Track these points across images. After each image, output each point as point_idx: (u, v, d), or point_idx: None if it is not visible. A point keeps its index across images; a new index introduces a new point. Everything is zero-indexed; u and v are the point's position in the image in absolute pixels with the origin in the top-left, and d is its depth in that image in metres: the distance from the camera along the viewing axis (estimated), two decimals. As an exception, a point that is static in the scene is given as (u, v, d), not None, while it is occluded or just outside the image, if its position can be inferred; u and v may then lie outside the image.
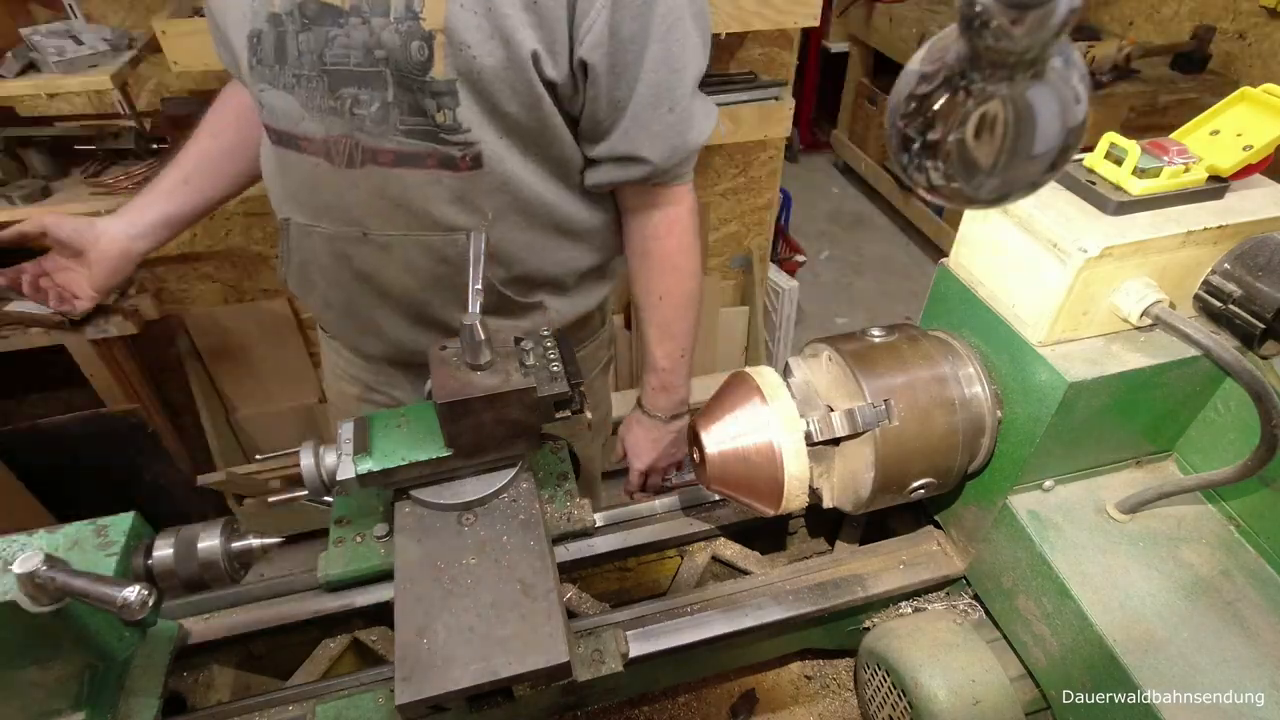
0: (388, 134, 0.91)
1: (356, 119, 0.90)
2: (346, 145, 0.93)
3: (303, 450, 0.75)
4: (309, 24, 0.88)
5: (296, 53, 0.90)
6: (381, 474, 0.74)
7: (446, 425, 0.74)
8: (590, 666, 0.75)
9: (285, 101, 0.93)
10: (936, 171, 0.38)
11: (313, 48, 0.89)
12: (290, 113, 0.94)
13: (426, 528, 0.77)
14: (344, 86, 0.89)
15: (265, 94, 0.95)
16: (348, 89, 0.89)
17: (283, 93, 0.93)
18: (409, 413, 0.80)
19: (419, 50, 0.85)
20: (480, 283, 0.76)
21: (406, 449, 0.75)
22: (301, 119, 0.93)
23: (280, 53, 0.91)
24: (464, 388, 0.73)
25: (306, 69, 0.90)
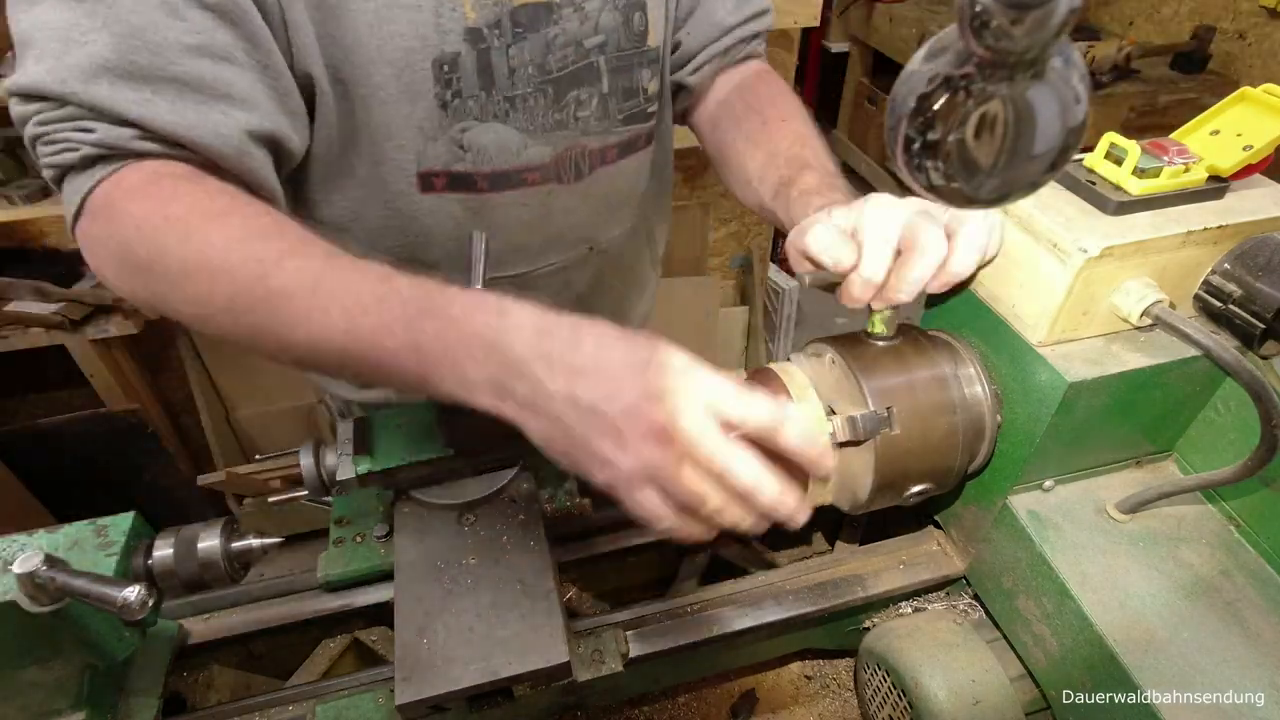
0: (609, 128, 0.83)
1: (581, 123, 0.80)
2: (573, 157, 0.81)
3: (302, 450, 0.75)
4: (523, 32, 0.73)
5: (508, 71, 0.74)
6: (381, 474, 0.74)
7: (446, 425, 0.74)
8: (590, 666, 0.75)
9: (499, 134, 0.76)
10: (936, 171, 0.38)
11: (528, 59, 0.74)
12: (508, 145, 0.77)
13: (426, 528, 0.77)
14: (570, 91, 0.78)
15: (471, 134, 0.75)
16: (571, 93, 0.78)
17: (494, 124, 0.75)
18: (409, 412, 0.80)
19: (640, 21, 0.79)
20: (481, 283, 0.72)
21: (406, 449, 0.75)
22: (523, 148, 0.78)
23: (486, 76, 0.73)
24: None
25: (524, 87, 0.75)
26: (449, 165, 0.77)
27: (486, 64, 0.73)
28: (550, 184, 0.82)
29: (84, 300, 1.91)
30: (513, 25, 0.72)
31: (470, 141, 0.76)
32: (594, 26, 0.77)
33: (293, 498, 0.80)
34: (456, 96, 0.73)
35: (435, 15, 0.68)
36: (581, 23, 0.76)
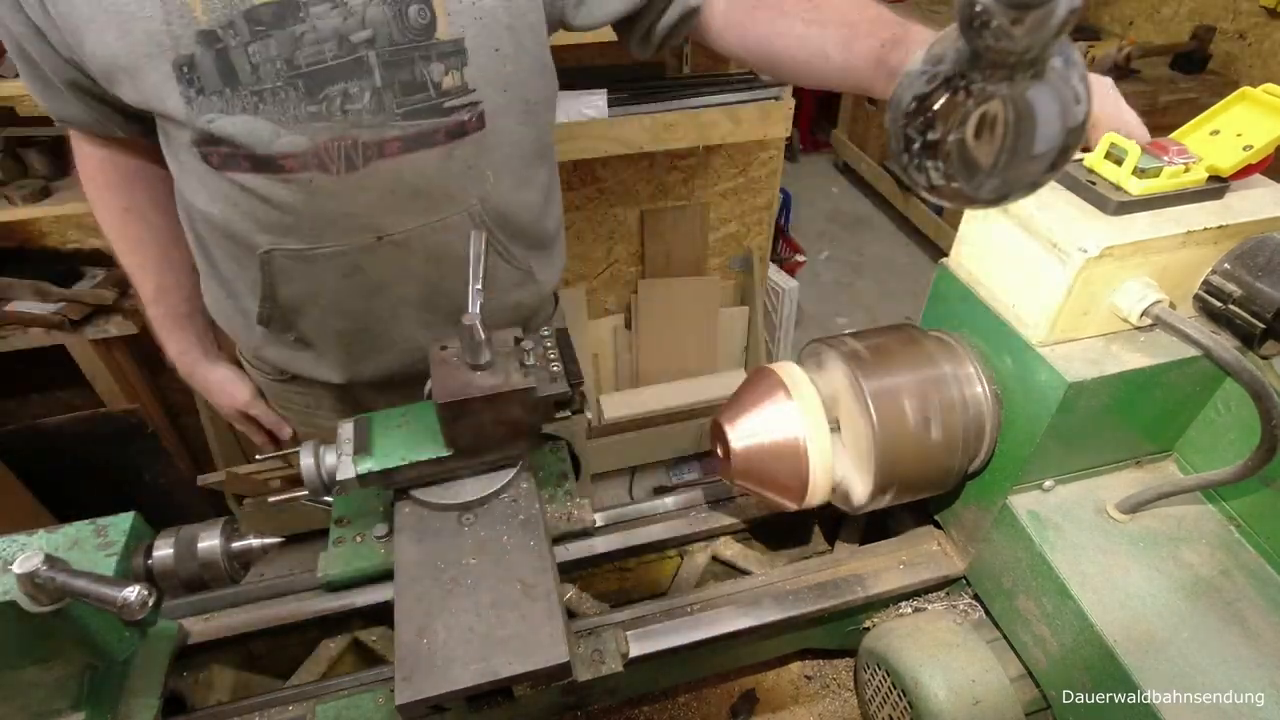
0: (387, 122, 0.84)
1: (350, 115, 0.83)
2: (342, 148, 0.84)
3: (302, 450, 0.75)
4: (265, 30, 0.77)
5: (249, 67, 0.79)
6: (381, 474, 0.74)
7: (447, 425, 0.74)
8: (590, 666, 0.75)
9: (249, 125, 0.82)
10: (937, 171, 0.38)
11: (275, 54, 0.79)
12: (259, 134, 0.82)
13: (427, 528, 0.77)
14: (327, 85, 0.81)
15: (216, 124, 0.81)
16: (332, 86, 0.81)
17: (244, 116, 0.81)
18: (409, 412, 0.79)
19: (419, 14, 0.80)
20: (480, 282, 0.75)
21: (406, 449, 0.75)
22: (276, 137, 0.83)
23: (228, 75, 0.79)
24: (464, 388, 0.73)
25: (270, 81, 0.80)
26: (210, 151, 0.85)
27: (226, 62, 0.78)
28: (311, 171, 0.85)
29: (84, 300, 1.91)
30: (251, 24, 0.77)
31: (219, 130, 0.82)
32: (360, 21, 0.78)
33: (293, 498, 0.80)
34: (200, 93, 0.80)
35: (165, 23, 0.75)
36: (345, 18, 0.78)
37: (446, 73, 0.83)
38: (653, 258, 2.47)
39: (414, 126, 0.85)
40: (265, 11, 0.77)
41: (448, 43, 0.82)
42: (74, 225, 2.05)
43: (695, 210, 2.41)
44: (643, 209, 2.37)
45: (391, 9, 0.79)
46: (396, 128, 0.85)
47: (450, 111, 0.86)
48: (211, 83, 0.79)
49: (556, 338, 0.82)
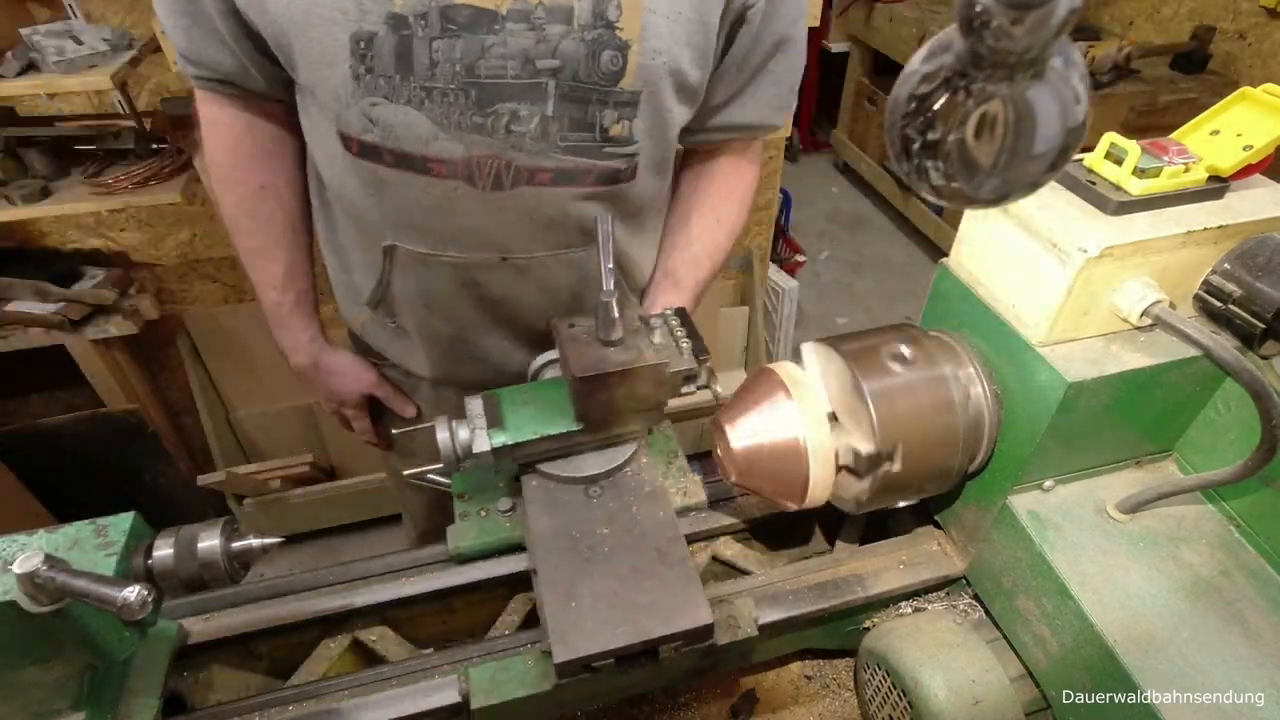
0: (547, 151, 0.84)
1: (513, 136, 0.82)
2: (494, 166, 0.84)
3: (438, 425, 0.78)
4: (456, 30, 0.76)
5: (429, 62, 0.78)
6: (514, 447, 0.78)
7: (580, 399, 0.77)
8: (728, 630, 0.78)
9: (410, 118, 0.81)
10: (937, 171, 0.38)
11: (457, 57, 0.77)
12: (418, 131, 0.81)
13: (556, 500, 0.81)
14: (499, 101, 0.80)
15: (380, 109, 0.81)
16: (504, 104, 0.80)
17: (406, 108, 0.80)
18: (530, 390, 0.83)
19: (612, 60, 0.79)
20: (611, 261, 0.76)
21: (538, 423, 0.79)
22: (434, 138, 0.82)
23: (404, 61, 0.78)
24: (599, 363, 0.75)
25: (444, 81, 0.78)
26: (359, 134, 0.84)
27: (406, 50, 0.77)
28: (457, 181, 0.85)
29: (84, 300, 1.91)
30: (444, 20, 0.76)
31: (379, 116, 0.82)
32: (551, 50, 0.78)
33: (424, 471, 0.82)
34: (369, 72, 0.79)
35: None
36: (537, 42, 0.78)
37: (618, 121, 0.84)
38: (653, 258, 2.47)
39: (570, 161, 0.86)
40: (463, 12, 0.76)
41: (628, 93, 0.82)
42: (74, 225, 2.05)
43: (695, 210, 2.41)
44: (643, 209, 2.37)
45: (587, 47, 0.79)
46: (553, 159, 0.85)
47: (610, 157, 0.87)
48: (384, 65, 0.78)
49: (679, 316, 0.84)
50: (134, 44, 1.75)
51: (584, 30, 0.78)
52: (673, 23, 0.81)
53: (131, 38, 1.75)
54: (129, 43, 1.74)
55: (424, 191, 0.86)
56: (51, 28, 1.66)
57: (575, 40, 0.78)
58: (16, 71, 1.59)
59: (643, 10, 0.79)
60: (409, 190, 0.87)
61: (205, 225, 2.15)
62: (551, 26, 0.77)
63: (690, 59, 0.84)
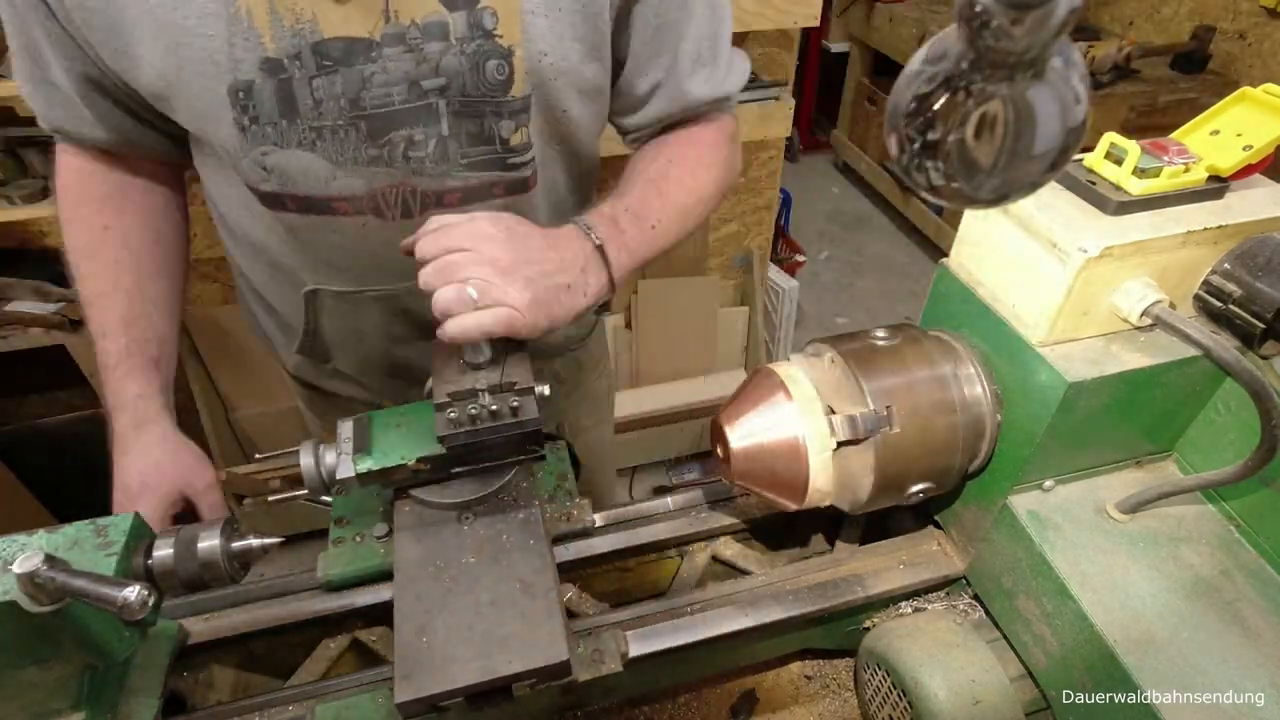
0: (450, 171, 0.82)
1: (412, 163, 0.80)
2: (399, 194, 0.82)
3: (302, 449, 0.75)
4: (333, 65, 0.74)
5: (312, 102, 0.76)
6: (380, 473, 0.74)
7: None
8: (590, 666, 0.75)
9: (304, 161, 0.79)
10: (936, 171, 0.38)
11: (339, 92, 0.76)
12: (315, 173, 0.80)
13: (426, 526, 0.77)
14: (391, 129, 0.78)
15: (271, 157, 0.79)
16: (397, 131, 0.78)
17: (299, 151, 0.78)
18: (409, 412, 0.79)
19: (498, 70, 0.77)
20: None
21: (406, 448, 0.75)
22: (332, 178, 0.80)
23: (288, 105, 0.76)
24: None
25: (331, 119, 0.77)
26: (258, 184, 0.82)
27: (288, 94, 0.75)
28: (365, 216, 0.84)
29: (84, 300, 1.91)
30: (318, 58, 0.74)
31: (273, 165, 0.80)
32: (434, 68, 0.76)
33: (292, 497, 0.80)
34: (254, 122, 0.77)
35: (229, 44, 0.71)
36: (418, 63, 0.76)
37: (515, 130, 0.82)
38: (653, 258, 2.47)
39: (475, 178, 0.84)
40: (336, 46, 0.74)
41: (519, 100, 0.81)
42: (74, 225, 2.04)
43: (695, 210, 2.41)
44: (643, 209, 2.37)
45: (469, 60, 0.77)
46: (458, 178, 0.83)
47: (513, 167, 0.85)
48: (268, 113, 0.76)
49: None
50: (134, 44, 1.75)
51: (463, 43, 0.76)
52: (553, 20, 0.78)
53: (131, 38, 1.75)
54: (129, 43, 1.74)
55: (335, 232, 0.85)
56: (51, 28, 1.66)
57: (456, 55, 0.76)
58: (16, 71, 1.59)
59: (521, 13, 0.76)
60: (319, 233, 0.85)
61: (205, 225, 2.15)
62: (429, 45, 0.75)
63: (580, 53, 0.81)
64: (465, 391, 0.72)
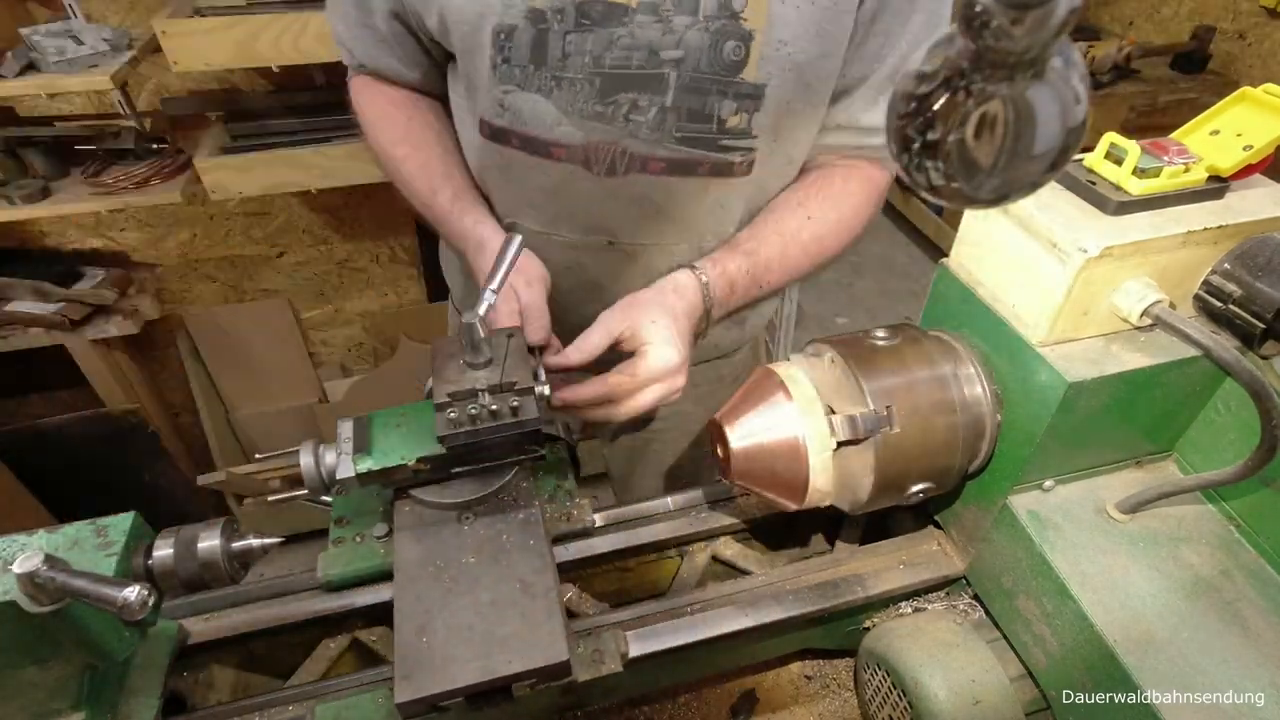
0: (663, 140, 0.85)
1: (631, 125, 0.84)
2: (611, 152, 0.86)
3: (302, 449, 0.75)
4: (590, 24, 0.80)
5: (561, 54, 0.82)
6: (380, 473, 0.74)
7: None
8: (590, 666, 0.75)
9: (538, 105, 0.86)
10: (936, 171, 0.38)
11: (589, 49, 0.81)
12: (544, 117, 0.86)
13: (426, 527, 0.77)
14: (621, 91, 0.83)
15: (511, 96, 0.86)
16: (626, 94, 0.83)
17: (536, 96, 0.85)
18: (408, 411, 0.79)
19: (734, 50, 0.79)
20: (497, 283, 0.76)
21: (406, 448, 0.75)
22: (558, 124, 0.86)
23: (539, 53, 0.82)
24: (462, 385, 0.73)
25: (573, 71, 0.83)
26: (492, 119, 0.91)
27: (542, 42, 0.82)
28: (574, 165, 0.89)
29: (84, 300, 1.91)
30: (578, 15, 0.80)
31: (510, 103, 0.88)
32: (676, 41, 0.80)
33: (292, 497, 0.80)
34: (505, 62, 0.85)
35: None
36: (664, 33, 0.80)
37: (736, 113, 0.84)
38: (653, 258, 2.47)
39: (683, 152, 0.86)
40: (596, 7, 0.79)
41: (749, 85, 0.82)
42: (74, 225, 2.05)
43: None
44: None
45: (711, 38, 0.79)
46: (667, 148, 0.86)
47: (724, 150, 0.87)
48: (519, 56, 0.83)
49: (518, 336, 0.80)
50: (134, 44, 1.75)
51: (709, 21, 0.79)
52: (803, 12, 0.79)
53: (131, 37, 1.76)
54: (129, 42, 1.74)
55: (544, 173, 0.91)
56: (51, 28, 1.66)
57: (700, 31, 0.79)
58: (16, 71, 1.59)
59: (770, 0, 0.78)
60: (531, 172, 0.92)
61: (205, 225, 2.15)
62: (678, 18, 0.79)
63: (821, 49, 0.82)
64: (465, 391, 0.72)
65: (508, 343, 0.78)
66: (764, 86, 0.82)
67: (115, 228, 2.08)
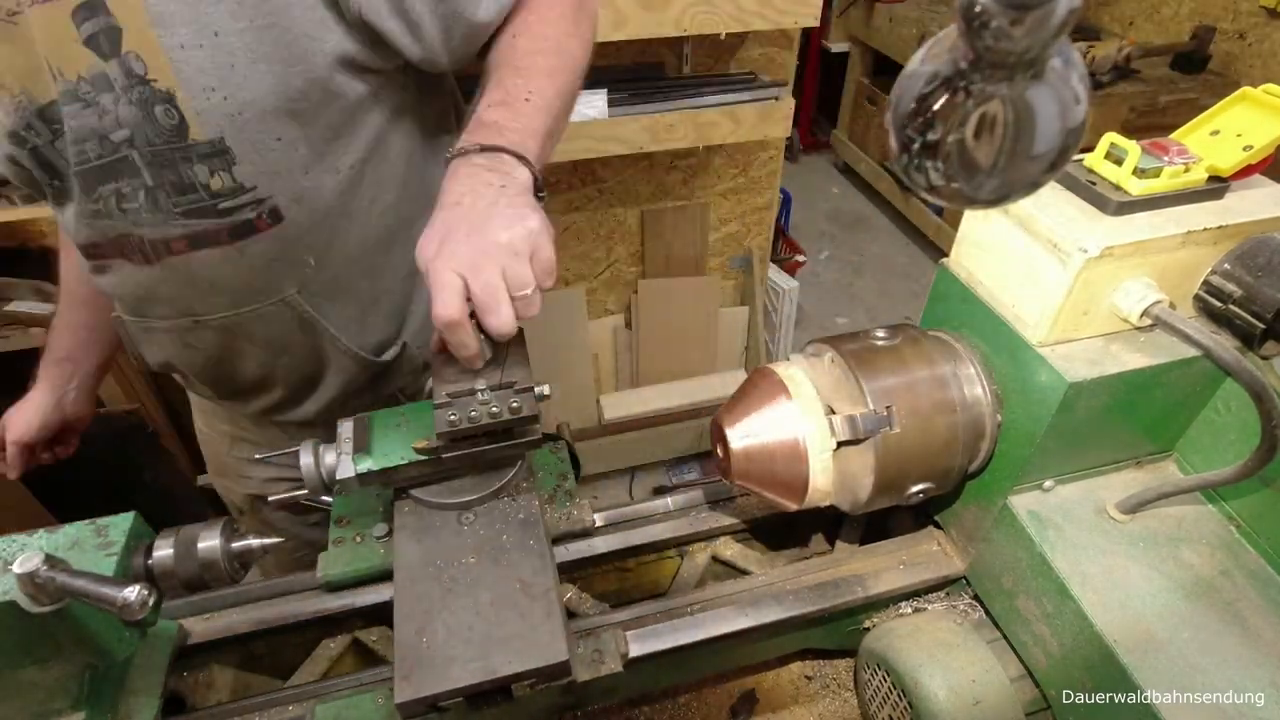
0: (168, 220, 0.80)
1: (130, 215, 0.80)
2: (135, 244, 0.83)
3: (302, 449, 0.75)
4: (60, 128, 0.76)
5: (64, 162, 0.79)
6: (380, 473, 0.74)
7: None
8: (590, 666, 0.75)
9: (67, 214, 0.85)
10: (936, 172, 0.38)
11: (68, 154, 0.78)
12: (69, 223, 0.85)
13: (426, 527, 0.77)
14: (99, 184, 0.78)
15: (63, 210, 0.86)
16: (104, 186, 0.78)
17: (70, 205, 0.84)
18: (409, 412, 0.80)
19: (166, 115, 0.73)
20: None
21: (406, 448, 0.75)
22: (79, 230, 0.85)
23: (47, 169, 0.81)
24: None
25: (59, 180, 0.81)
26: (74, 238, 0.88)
27: (44, 159, 0.80)
28: (117, 259, 0.86)
29: (84, 300, 1.91)
30: (47, 124, 0.77)
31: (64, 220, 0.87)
32: (115, 120, 0.74)
33: (292, 497, 0.80)
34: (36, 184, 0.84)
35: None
36: (100, 117, 0.74)
37: (212, 175, 0.77)
38: (652, 258, 2.47)
39: (196, 225, 0.81)
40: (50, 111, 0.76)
41: (205, 144, 0.75)
42: (74, 225, 2.05)
43: (695, 210, 2.41)
44: (643, 209, 2.37)
45: (141, 109, 0.73)
46: (179, 226, 0.81)
47: (228, 212, 0.80)
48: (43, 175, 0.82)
49: None
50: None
51: (125, 92, 0.72)
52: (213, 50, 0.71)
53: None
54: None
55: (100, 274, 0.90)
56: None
57: (127, 104, 0.73)
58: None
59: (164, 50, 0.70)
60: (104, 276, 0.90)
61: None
62: (102, 96, 0.73)
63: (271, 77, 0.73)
64: (465, 391, 0.72)
65: (508, 343, 0.78)
66: (222, 140, 0.75)
67: (115, 228, 2.08)
